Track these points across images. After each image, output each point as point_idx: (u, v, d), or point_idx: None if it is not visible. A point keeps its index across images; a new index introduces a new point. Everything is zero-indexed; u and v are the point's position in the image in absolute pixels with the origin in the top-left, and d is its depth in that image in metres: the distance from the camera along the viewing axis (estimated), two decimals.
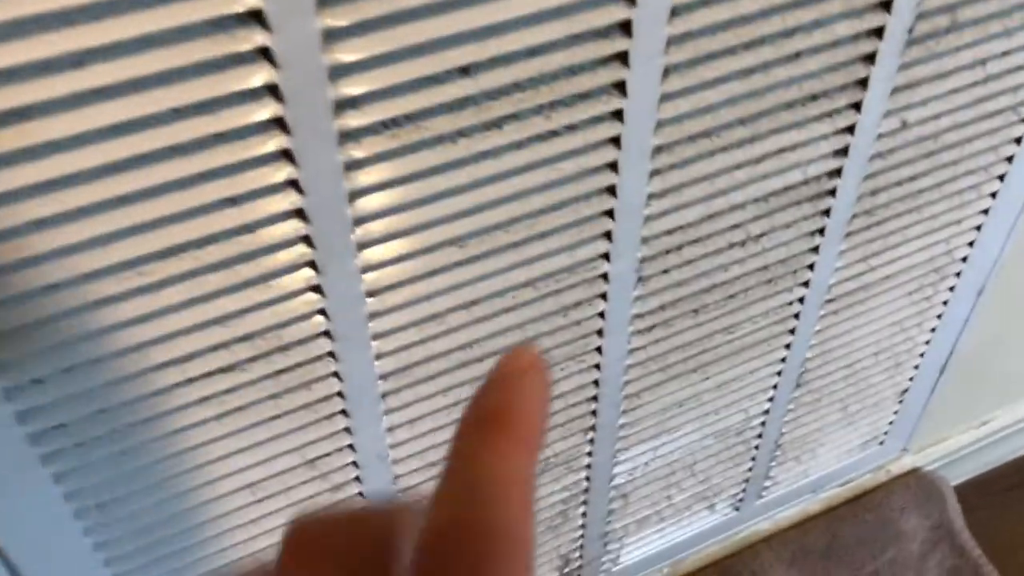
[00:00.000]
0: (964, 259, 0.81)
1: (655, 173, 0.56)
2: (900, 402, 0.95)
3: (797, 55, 0.55)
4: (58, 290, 0.43)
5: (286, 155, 0.44)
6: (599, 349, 0.66)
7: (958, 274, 0.82)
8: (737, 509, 0.95)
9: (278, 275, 0.48)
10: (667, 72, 0.51)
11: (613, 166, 0.54)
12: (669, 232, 0.61)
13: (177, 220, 0.43)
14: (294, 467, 0.59)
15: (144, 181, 0.41)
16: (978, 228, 0.78)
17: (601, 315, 0.63)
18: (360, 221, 0.48)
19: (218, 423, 0.53)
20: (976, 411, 1.14)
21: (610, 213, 0.57)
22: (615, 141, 0.53)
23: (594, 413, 0.71)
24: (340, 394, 0.56)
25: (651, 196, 0.57)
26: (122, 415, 0.49)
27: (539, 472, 0.73)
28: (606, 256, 0.59)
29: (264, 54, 0.40)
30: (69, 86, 0.37)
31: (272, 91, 0.41)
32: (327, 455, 0.60)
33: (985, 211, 0.77)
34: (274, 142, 0.43)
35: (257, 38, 0.39)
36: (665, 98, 0.52)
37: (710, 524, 0.95)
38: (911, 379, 0.92)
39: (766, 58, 0.54)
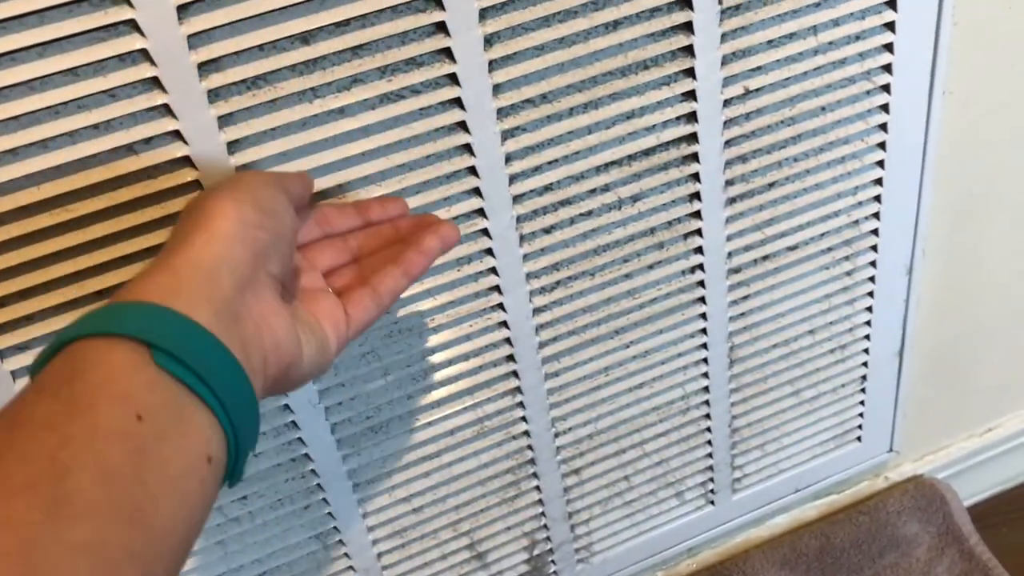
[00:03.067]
0: (875, 232, 0.87)
1: (507, 135, 0.68)
2: (863, 391, 0.99)
3: (615, 24, 0.66)
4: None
5: (168, 110, 0.57)
6: (502, 306, 0.76)
7: (874, 248, 0.88)
8: (712, 503, 1.00)
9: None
10: (489, 41, 0.63)
11: (463, 125, 0.66)
12: (538, 192, 0.71)
13: (90, 164, 0.58)
14: None
15: (57, 130, 0.55)
16: (877, 199, 0.85)
17: (494, 271, 0.73)
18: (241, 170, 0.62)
19: None
20: (975, 416, 1.15)
21: (473, 171, 0.68)
22: (458, 103, 0.65)
23: (516, 375, 0.80)
24: None
25: (509, 157, 0.69)
26: None
27: (477, 437, 0.82)
28: (481, 212, 0.70)
29: (133, 25, 0.54)
30: None
31: (145, 55, 0.55)
32: None
33: (878, 181, 0.84)
34: (155, 98, 0.57)
35: (124, 12, 0.53)
36: (494, 65, 0.64)
37: (687, 518, 1.00)
38: (864, 364, 0.97)
39: (583, 27, 0.65)
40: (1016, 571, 1.07)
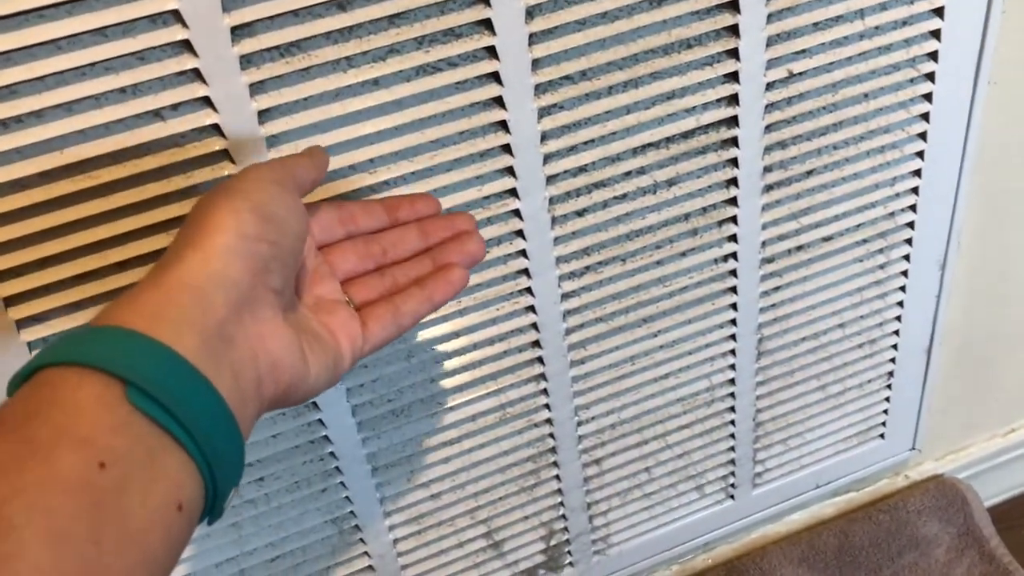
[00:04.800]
0: (911, 225, 0.85)
1: (543, 112, 0.65)
2: (888, 387, 0.97)
3: (659, 1, 0.64)
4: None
5: (198, 75, 0.55)
6: (530, 290, 0.73)
7: (909, 241, 0.86)
8: (732, 497, 0.98)
9: (205, 189, 0.59)
10: (530, 13, 0.61)
11: (499, 101, 0.64)
12: (573, 173, 0.69)
13: (115, 129, 0.55)
14: None
15: (83, 92, 0.53)
16: (915, 191, 0.83)
17: (523, 254, 0.71)
18: (272, 142, 0.59)
19: None
20: (998, 416, 1.13)
21: (508, 149, 0.66)
22: (495, 77, 0.62)
23: (541, 361, 0.78)
24: None
25: (545, 135, 0.66)
26: None
27: (499, 424, 0.80)
28: (514, 193, 0.68)
29: None
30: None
31: (177, 17, 0.53)
32: None
33: (917, 172, 0.81)
34: (185, 62, 0.54)
35: None
36: (534, 38, 0.62)
37: (706, 512, 0.98)
38: (892, 360, 0.95)
39: (626, 2, 0.63)
40: None
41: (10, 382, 0.37)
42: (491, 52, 0.61)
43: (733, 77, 0.69)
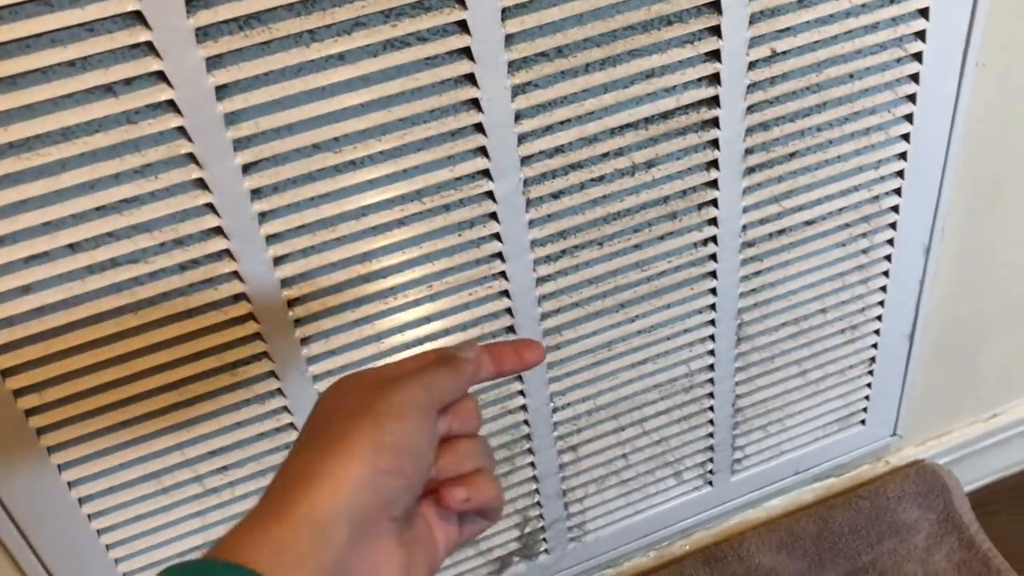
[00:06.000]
0: (895, 209, 0.83)
1: (517, 90, 0.63)
2: (870, 373, 0.96)
3: None
4: None
5: (152, 48, 0.52)
6: (504, 275, 0.71)
7: (893, 225, 0.84)
8: (711, 484, 0.97)
9: (161, 168, 0.57)
10: None
11: (471, 78, 0.61)
12: (548, 154, 0.67)
13: (65, 104, 0.53)
14: None
15: (28, 66, 0.50)
16: (900, 174, 0.81)
17: (497, 237, 0.69)
18: (232, 119, 0.57)
19: None
20: (979, 402, 1.12)
21: (480, 128, 0.63)
22: (467, 53, 0.60)
23: None
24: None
25: (519, 115, 0.64)
26: None
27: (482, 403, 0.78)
28: (487, 174, 0.66)
29: None
30: None
31: None
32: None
33: (902, 155, 0.79)
34: (137, 35, 0.51)
35: None
36: (507, 13, 0.59)
37: (684, 498, 0.96)
38: (874, 346, 0.93)
39: None
40: (1014, 558, 1.04)
41: None
42: (462, 26, 0.59)
43: (714, 56, 0.67)
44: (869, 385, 0.97)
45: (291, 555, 0.37)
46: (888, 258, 0.87)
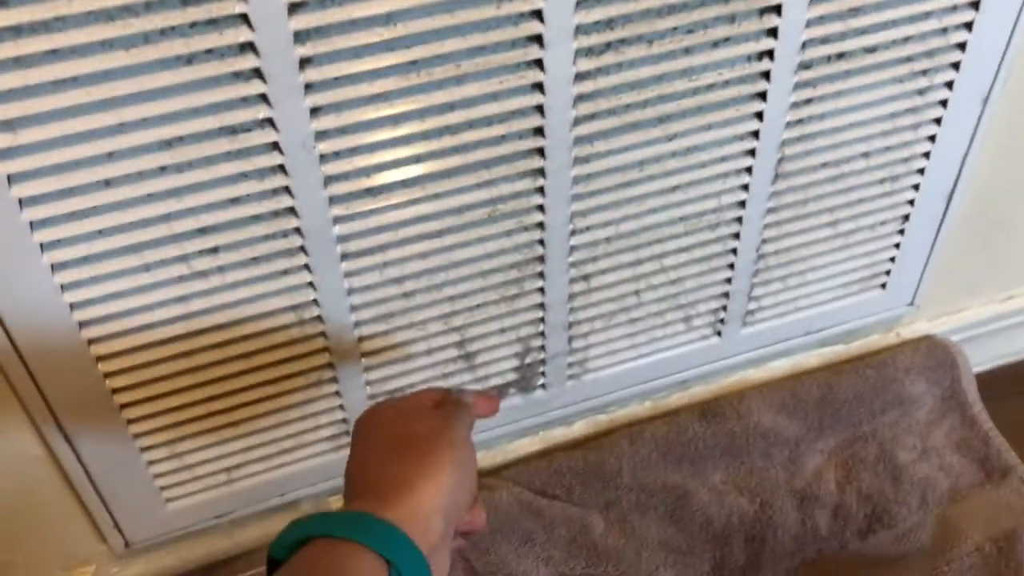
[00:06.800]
0: (962, 47, 0.76)
1: None
2: (901, 232, 0.90)
3: None
4: None
5: None
6: (540, 64, 0.64)
7: (956, 66, 0.77)
8: (719, 334, 0.92)
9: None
10: None
11: None
12: None
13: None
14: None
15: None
16: (975, 6, 0.73)
17: (538, 16, 0.61)
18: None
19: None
20: (998, 283, 1.07)
21: None
22: None
23: (542, 153, 0.69)
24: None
25: None
26: None
27: (486, 221, 0.72)
28: None
29: None
30: None
31: None
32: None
33: None
34: None
35: None
36: None
37: (690, 347, 0.92)
38: (910, 202, 0.88)
39: None
40: (1016, 442, 1.01)
41: (280, 540, 0.45)
42: None
43: None
44: (897, 246, 0.92)
45: (413, 532, 0.46)
46: (943, 103, 0.80)
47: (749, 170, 0.78)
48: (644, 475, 0.94)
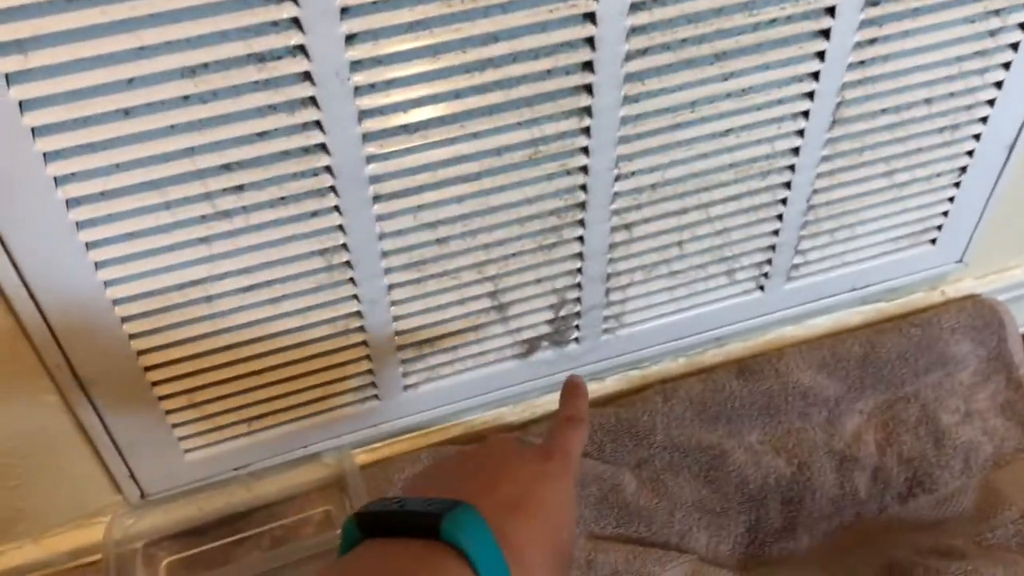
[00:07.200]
0: None
1: None
2: (956, 185, 0.86)
3: None
4: None
5: None
6: None
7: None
8: (761, 288, 0.88)
9: None
10: None
11: None
12: None
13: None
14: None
15: None
16: None
17: None
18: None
19: None
20: None
21: None
22: None
23: (589, 91, 0.64)
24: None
25: None
26: None
27: (527, 164, 0.67)
28: None
29: None
30: None
31: None
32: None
33: None
34: None
35: None
36: None
37: (730, 302, 0.87)
38: (969, 153, 0.83)
39: None
40: None
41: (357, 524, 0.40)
42: None
43: None
44: (951, 199, 0.87)
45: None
46: (1015, 47, 0.75)
47: (806, 114, 0.73)
48: (678, 434, 0.91)
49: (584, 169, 0.70)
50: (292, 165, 0.60)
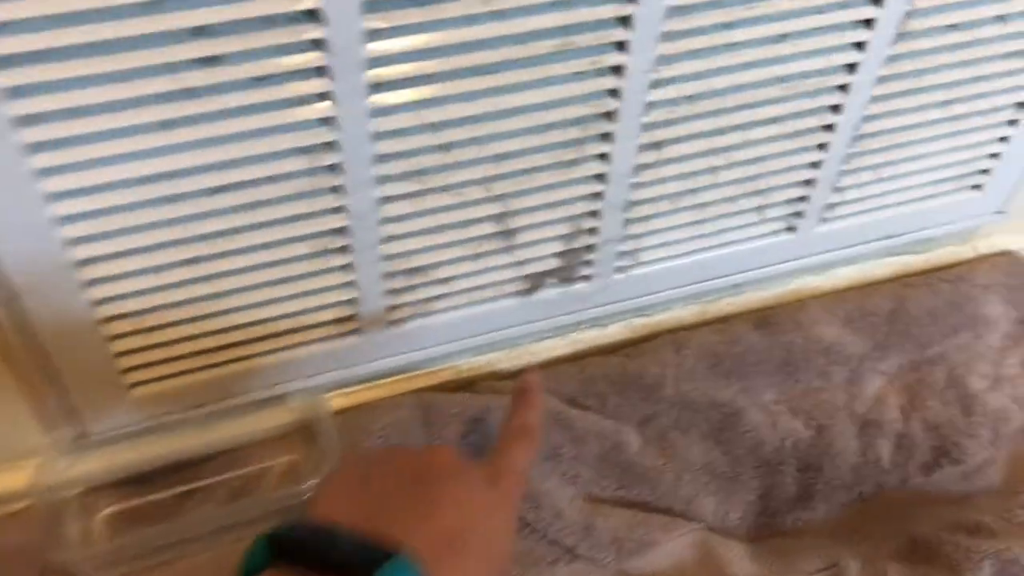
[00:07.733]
0: None
1: None
2: (1012, 123, 0.77)
3: None
4: None
5: None
6: None
7: None
8: (791, 230, 0.78)
9: None
10: None
11: None
12: None
13: None
14: None
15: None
16: None
17: None
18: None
19: None
20: None
21: None
22: None
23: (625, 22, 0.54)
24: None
25: None
26: None
27: (554, 56, 0.57)
28: None
29: None
30: None
31: None
32: None
33: None
34: None
35: None
36: None
37: (756, 243, 0.78)
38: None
39: None
40: None
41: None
42: None
43: None
44: (1004, 139, 0.78)
45: None
46: None
47: (869, 23, 0.63)
48: (689, 389, 0.81)
49: (617, 70, 0.59)
50: (275, 36, 0.49)
